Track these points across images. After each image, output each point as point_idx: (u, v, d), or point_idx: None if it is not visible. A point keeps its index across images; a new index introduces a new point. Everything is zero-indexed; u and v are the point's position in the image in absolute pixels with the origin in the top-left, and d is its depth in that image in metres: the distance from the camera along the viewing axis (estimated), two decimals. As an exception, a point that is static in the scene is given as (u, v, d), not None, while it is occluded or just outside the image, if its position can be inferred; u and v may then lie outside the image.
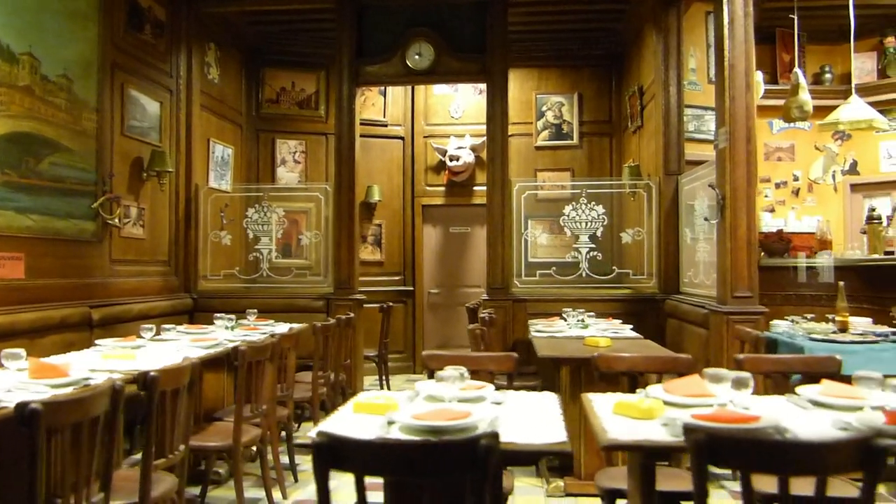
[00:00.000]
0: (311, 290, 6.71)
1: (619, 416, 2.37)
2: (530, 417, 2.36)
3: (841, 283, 4.97)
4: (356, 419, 2.35)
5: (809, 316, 5.15)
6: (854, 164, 8.19)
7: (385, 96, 8.73)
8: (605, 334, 4.97)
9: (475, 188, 8.70)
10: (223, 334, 4.72)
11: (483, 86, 8.46)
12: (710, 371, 2.45)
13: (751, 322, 4.73)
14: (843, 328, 4.74)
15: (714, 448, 1.66)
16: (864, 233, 6.96)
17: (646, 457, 2.24)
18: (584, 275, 6.47)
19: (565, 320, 5.51)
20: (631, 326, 5.50)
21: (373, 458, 1.67)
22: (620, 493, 2.80)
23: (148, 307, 5.83)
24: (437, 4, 6.73)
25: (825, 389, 2.56)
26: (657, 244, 6.47)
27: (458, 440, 1.72)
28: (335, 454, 1.66)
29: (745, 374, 2.35)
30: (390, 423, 2.22)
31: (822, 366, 3.08)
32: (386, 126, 8.76)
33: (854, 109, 6.69)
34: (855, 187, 8.27)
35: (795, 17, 7.25)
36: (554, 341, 4.73)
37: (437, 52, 6.61)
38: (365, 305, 6.79)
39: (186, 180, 6.63)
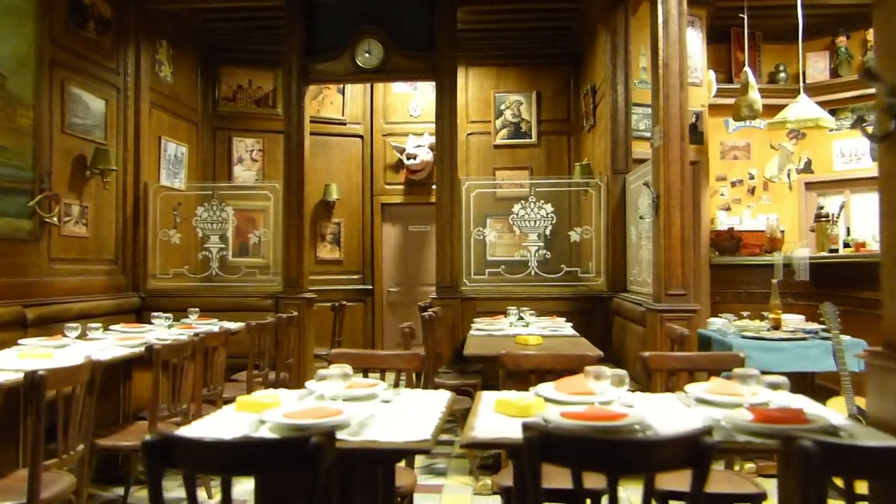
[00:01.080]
0: (260, 289, 6.69)
1: (498, 414, 2.37)
2: (409, 416, 2.35)
3: (774, 281, 5.01)
4: (234, 418, 2.34)
5: (745, 313, 5.18)
6: (808, 163, 8.25)
7: (344, 94, 8.71)
8: (543, 332, 4.99)
9: (434, 187, 8.66)
10: (156, 334, 4.70)
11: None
12: (591, 369, 2.46)
13: (684, 319, 4.75)
14: (776, 325, 4.78)
15: (548, 446, 1.66)
16: (813, 231, 7.02)
17: (513, 454, 2.24)
18: (533, 273, 6.48)
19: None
20: (572, 324, 5.52)
21: (204, 456, 1.66)
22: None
23: (91, 306, 5.79)
24: (387, 3, 6.72)
25: (712, 387, 2.57)
26: (605, 243, 6.49)
27: (288, 438, 1.71)
28: (167, 453, 1.65)
29: (622, 372, 2.36)
30: (262, 422, 2.21)
31: (727, 362, 3.09)
32: (345, 124, 8.73)
33: (802, 108, 6.75)
34: (810, 185, 8.33)
35: (745, 17, 7.31)
36: (488, 339, 4.74)
37: (386, 51, 6.60)
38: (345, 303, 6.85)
39: (135, 178, 6.58)
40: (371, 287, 8.76)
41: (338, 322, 7.19)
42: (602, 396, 2.42)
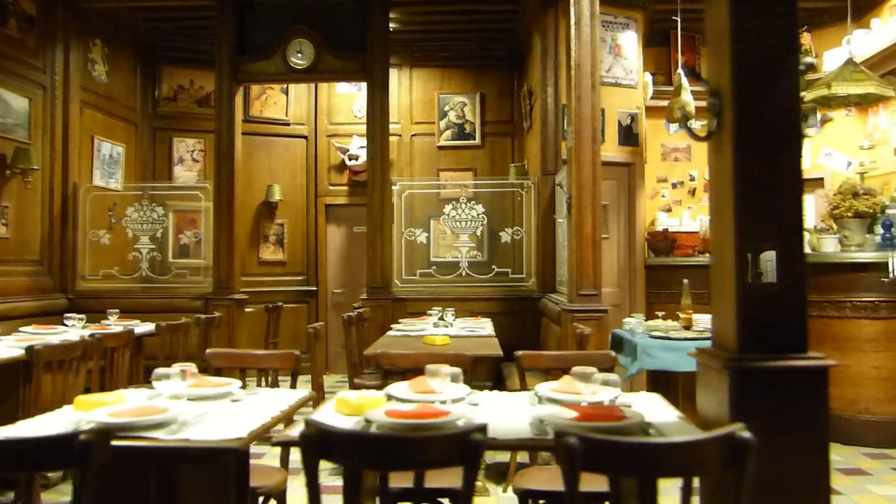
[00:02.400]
0: (190, 291, 6.64)
1: (336, 413, 2.36)
2: (245, 415, 2.33)
3: (685, 282, 5.04)
4: (69, 417, 2.31)
5: (661, 313, 5.21)
6: (748, 165, 8.32)
7: (288, 95, 8.67)
8: (459, 333, 5.00)
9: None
10: (66, 335, 4.64)
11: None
12: (430, 367, 2.45)
13: (595, 319, 4.77)
14: (688, 325, 4.81)
15: (324, 444, 1.65)
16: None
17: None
18: (464, 274, 6.49)
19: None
20: (504, 325, 5.54)
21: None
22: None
23: (9, 308, 5.71)
24: (319, 3, 6.70)
25: (559, 386, 2.57)
26: (536, 244, 6.50)
27: (55, 436, 1.68)
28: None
29: (456, 370, 2.36)
30: (88, 421, 2.18)
31: (598, 362, 3.10)
32: (288, 125, 8.69)
33: (732, 110, 6.78)
34: (749, 188, 8.39)
35: (678, 20, 7.34)
36: (400, 340, 4.72)
37: (317, 51, 6.58)
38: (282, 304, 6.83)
39: (63, 178, 6.51)
40: (315, 288, 8.72)
41: (272, 323, 7.14)
42: (443, 395, 2.41)
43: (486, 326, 5.41)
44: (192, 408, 2.35)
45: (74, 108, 6.61)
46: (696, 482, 1.86)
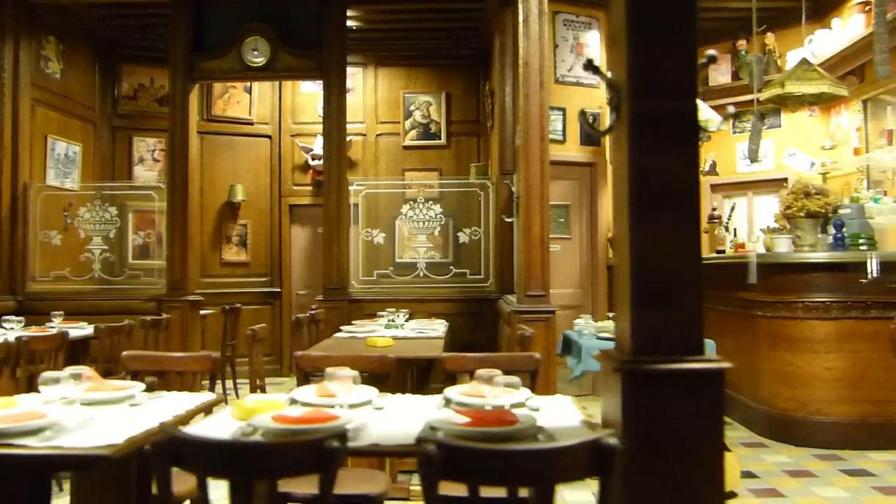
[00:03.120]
0: (143, 293, 6.53)
1: (230, 418, 2.27)
2: (139, 421, 2.24)
3: (634, 282, 4.97)
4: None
5: (611, 314, 5.15)
6: (713, 165, 8.30)
7: (251, 94, 8.57)
8: (409, 334, 4.93)
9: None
10: (3, 338, 4.52)
11: (351, 83, 8.40)
12: (329, 371, 2.38)
13: (543, 321, 4.71)
14: (636, 326, 4.75)
15: (176, 451, 1.57)
16: (706, 232, 7.05)
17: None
18: (421, 275, 6.41)
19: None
20: (445, 326, 5.45)
21: None
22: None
23: (-49, 309, 5.58)
24: (275, 0, 6.61)
25: (468, 389, 2.50)
26: (494, 244, 6.44)
27: None
28: None
29: (354, 373, 2.29)
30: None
31: (523, 364, 3.03)
32: (252, 124, 8.59)
33: (692, 110, 6.74)
34: (715, 187, 8.38)
35: (640, 19, 7.29)
36: (343, 342, 4.64)
37: (273, 48, 6.48)
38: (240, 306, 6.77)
39: (12, 178, 6.39)
40: (279, 290, 8.62)
41: (229, 325, 7.03)
42: (341, 399, 2.34)
43: (437, 328, 5.33)
44: (79, 413, 2.25)
45: (25, 106, 6.49)
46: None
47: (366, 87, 8.60)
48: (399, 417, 2.26)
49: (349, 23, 7.79)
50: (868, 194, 6.52)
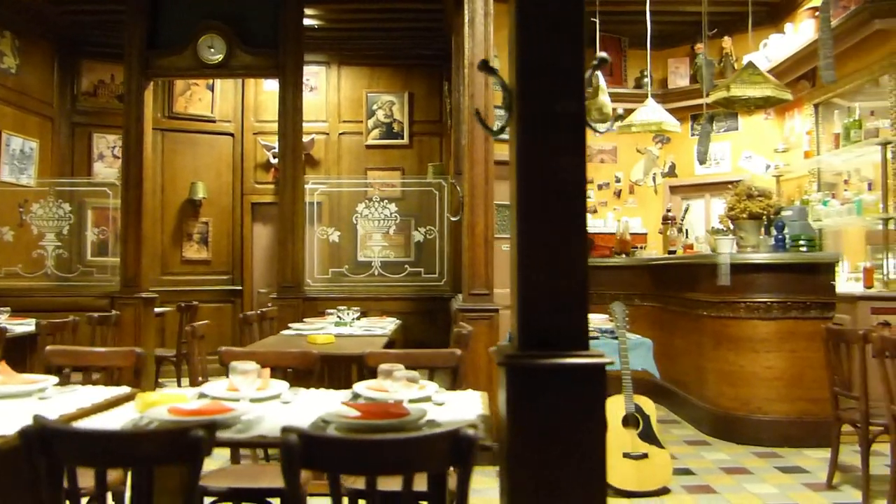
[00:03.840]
0: (96, 290, 6.49)
1: (134, 411, 2.29)
2: (41, 413, 2.25)
3: (578, 281, 5.03)
4: None
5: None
6: (673, 167, 8.39)
7: (213, 91, 8.55)
8: (354, 332, 4.96)
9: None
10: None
11: (314, 82, 8.43)
12: (233, 364, 2.40)
13: (486, 319, 4.75)
14: (579, 325, 4.80)
15: (44, 441, 1.58)
16: (661, 233, 7.13)
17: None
18: (376, 273, 6.44)
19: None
20: (396, 324, 5.48)
21: None
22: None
23: None
24: (232, -3, 6.61)
25: (374, 384, 2.54)
26: (448, 243, 6.48)
27: None
28: None
29: (255, 366, 2.31)
30: None
31: (445, 360, 3.07)
32: (214, 122, 8.57)
33: (647, 112, 6.84)
34: (674, 189, 8.48)
35: (597, 21, 7.38)
36: (287, 339, 4.66)
37: (229, 47, 6.47)
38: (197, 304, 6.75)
39: (-37, 173, 6.33)
40: (240, 288, 8.60)
41: (185, 324, 6.99)
42: (244, 393, 2.36)
43: (386, 326, 5.36)
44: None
45: (-24, 102, 6.44)
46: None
47: (329, 86, 8.61)
48: (302, 411, 2.28)
49: (310, 22, 7.81)
50: (817, 197, 6.64)
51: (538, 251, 2.02)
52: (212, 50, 6.50)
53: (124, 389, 2.68)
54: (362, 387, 2.50)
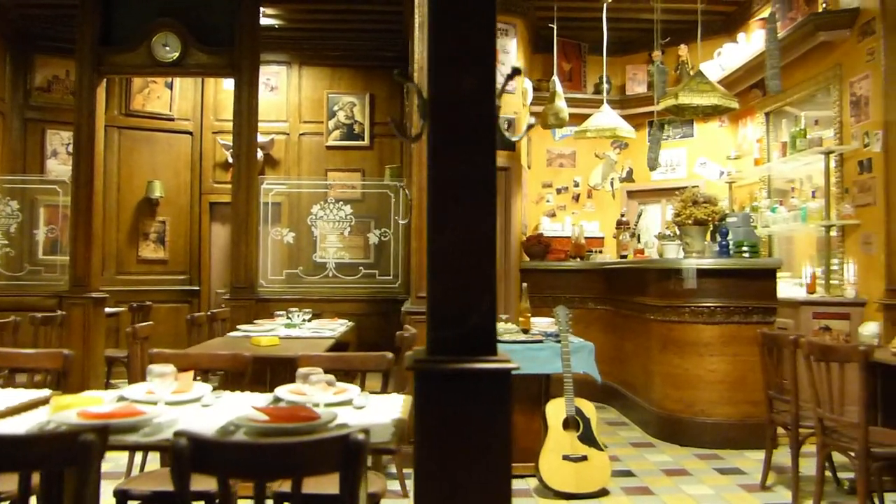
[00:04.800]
0: (44, 288, 6.40)
1: (48, 414, 2.28)
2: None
3: (524, 285, 5.09)
4: None
5: (504, 316, 5.24)
6: (630, 172, 8.49)
7: (172, 89, 8.47)
8: (302, 334, 4.96)
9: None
10: None
11: (275, 82, 8.40)
12: (150, 368, 2.40)
13: (432, 322, 4.76)
14: (525, 328, 4.85)
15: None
16: (615, 237, 7.22)
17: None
18: (330, 275, 6.43)
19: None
20: (348, 326, 5.48)
21: None
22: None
23: None
24: (187, -5, 6.56)
25: (294, 387, 2.54)
26: (403, 245, 6.49)
27: None
28: None
29: (168, 369, 2.31)
30: None
31: (376, 363, 3.09)
32: (173, 120, 8.49)
33: (602, 118, 6.93)
34: (631, 194, 8.58)
35: (555, 27, 7.45)
36: (232, 341, 4.64)
37: (184, 45, 6.42)
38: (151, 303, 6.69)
39: None
40: (198, 288, 8.53)
41: (137, 324, 6.92)
42: (159, 395, 2.36)
43: (336, 328, 5.36)
44: None
45: (-79, 95, 6.31)
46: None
47: (289, 86, 8.58)
48: (218, 415, 2.28)
49: (270, 21, 7.79)
50: (766, 204, 6.78)
51: (448, 258, 2.04)
52: (167, 48, 6.44)
53: (44, 392, 2.65)
54: (284, 391, 2.51)
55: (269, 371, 3.90)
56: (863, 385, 3.30)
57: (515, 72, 2.23)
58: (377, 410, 2.39)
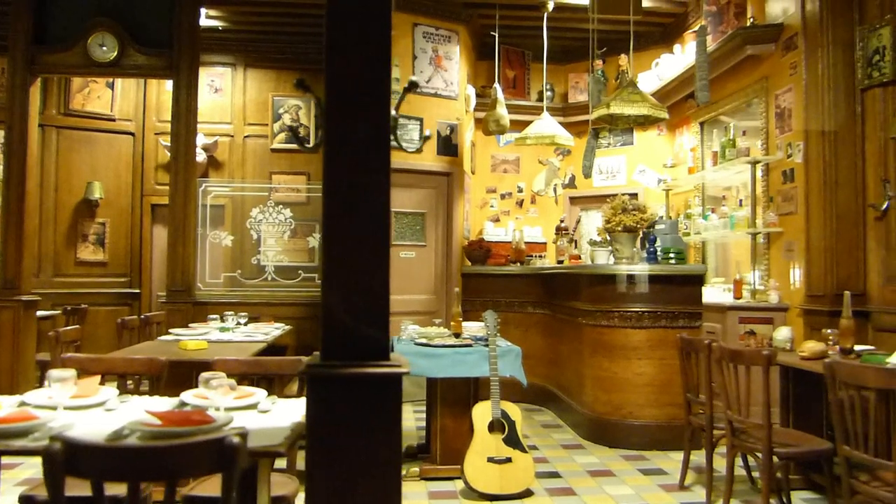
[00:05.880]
0: (-29, 291, 6.25)
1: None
2: None
3: (457, 290, 5.16)
4: None
5: (437, 321, 5.31)
6: (573, 179, 8.64)
7: (113, 89, 8.35)
8: (234, 337, 4.95)
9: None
10: None
11: (219, 84, 8.34)
12: (49, 373, 2.40)
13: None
14: (457, 333, 4.91)
15: None
16: (555, 243, 7.34)
17: None
18: (270, 278, 6.42)
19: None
20: (284, 329, 5.49)
21: None
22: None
23: None
24: (124, -5, 6.48)
25: (198, 392, 2.56)
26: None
27: None
28: None
29: (68, 373, 2.31)
30: None
31: (291, 367, 3.12)
32: (114, 120, 8.37)
33: (542, 125, 7.05)
34: (573, 200, 8.74)
35: (496, 35, 7.57)
36: (161, 345, 4.61)
37: (121, 45, 6.34)
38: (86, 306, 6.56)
39: None
40: (139, 291, 8.41)
41: (70, 326, 6.81)
42: (57, 400, 2.36)
43: (270, 332, 5.35)
44: None
45: None
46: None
47: (234, 88, 8.53)
48: (118, 419, 2.29)
49: (213, 22, 7.74)
50: (698, 211, 6.97)
51: (341, 266, 2.09)
52: (103, 48, 6.36)
53: (-52, 397, 2.62)
54: (189, 395, 2.53)
55: (195, 375, 3.89)
56: (765, 388, 3.44)
57: (413, 85, 2.28)
58: (281, 415, 2.42)
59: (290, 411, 2.49)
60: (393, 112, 2.20)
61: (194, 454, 1.57)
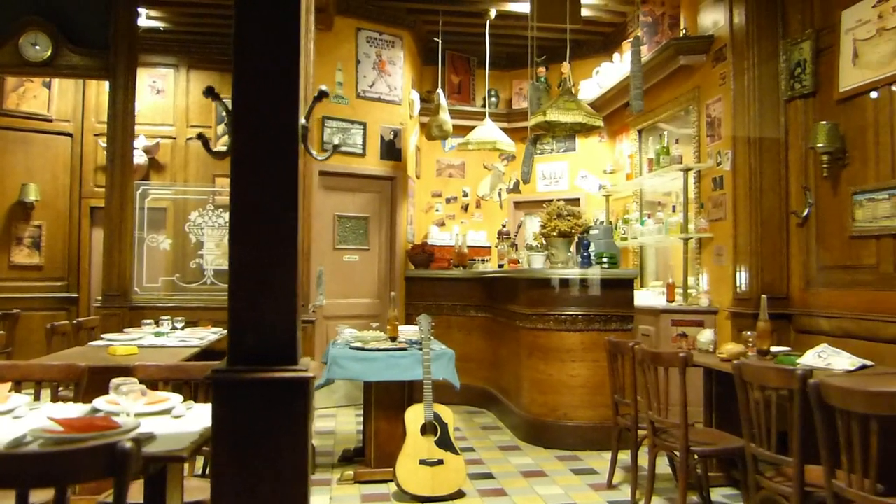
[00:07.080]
0: None
1: None
2: None
3: (393, 294, 5.20)
4: None
5: (374, 324, 5.34)
6: (517, 183, 8.75)
7: (50, 89, 8.17)
8: (169, 342, 4.89)
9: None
10: None
11: (161, 85, 8.23)
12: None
13: (301, 329, 4.79)
14: (393, 336, 4.95)
15: None
16: (497, 247, 7.43)
17: None
18: (209, 282, 6.36)
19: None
20: (221, 334, 5.44)
21: None
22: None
23: None
24: (58, -6, 6.36)
25: (110, 398, 2.54)
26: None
27: None
28: None
29: None
30: None
31: (201, 370, 3.11)
32: (51, 121, 8.18)
33: (484, 131, 7.14)
34: (518, 205, 8.85)
35: (439, 41, 7.64)
36: (89, 351, 4.54)
37: (55, 44, 6.22)
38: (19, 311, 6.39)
39: None
40: (77, 295, 8.24)
41: (9, 331, 6.65)
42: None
43: (206, 336, 5.30)
44: None
45: None
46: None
47: (177, 90, 8.42)
48: (24, 426, 2.26)
49: (154, 23, 7.64)
50: (635, 216, 7.14)
51: (248, 271, 2.11)
52: (36, 47, 6.23)
53: None
54: (102, 401, 2.51)
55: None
56: (682, 388, 3.56)
57: (322, 94, 2.32)
58: (194, 420, 2.42)
59: (204, 417, 2.49)
60: (303, 121, 2.24)
61: (83, 460, 1.58)
